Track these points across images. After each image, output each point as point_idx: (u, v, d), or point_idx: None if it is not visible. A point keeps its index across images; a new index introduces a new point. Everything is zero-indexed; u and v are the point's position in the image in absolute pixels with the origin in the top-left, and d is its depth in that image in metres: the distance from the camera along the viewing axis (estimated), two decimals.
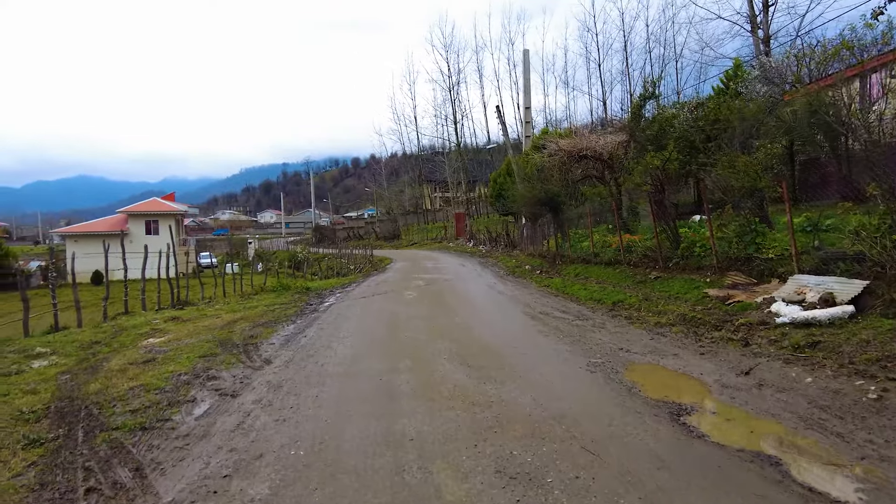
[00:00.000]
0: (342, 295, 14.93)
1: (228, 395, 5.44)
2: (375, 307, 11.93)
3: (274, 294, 15.51)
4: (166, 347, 8.20)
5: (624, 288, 12.05)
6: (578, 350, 6.88)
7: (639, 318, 9.09)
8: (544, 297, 12.50)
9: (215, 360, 7.07)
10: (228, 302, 14.63)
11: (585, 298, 11.73)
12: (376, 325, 9.32)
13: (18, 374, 7.01)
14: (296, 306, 12.78)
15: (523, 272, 19.36)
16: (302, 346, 7.71)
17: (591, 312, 10.07)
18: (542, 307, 10.92)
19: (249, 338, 8.70)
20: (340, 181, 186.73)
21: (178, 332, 9.62)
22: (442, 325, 9.02)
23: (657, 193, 11.82)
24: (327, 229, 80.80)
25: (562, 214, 18.91)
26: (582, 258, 16.59)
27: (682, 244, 11.81)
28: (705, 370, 5.79)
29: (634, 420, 4.38)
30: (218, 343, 8.30)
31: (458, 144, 65.11)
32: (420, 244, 51.35)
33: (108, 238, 44.20)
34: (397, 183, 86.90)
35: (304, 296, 15.14)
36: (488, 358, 6.47)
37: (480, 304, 11.95)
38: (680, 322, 8.30)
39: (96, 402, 5.36)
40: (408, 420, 4.41)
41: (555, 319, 9.37)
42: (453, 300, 12.69)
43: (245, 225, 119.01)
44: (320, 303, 13.46)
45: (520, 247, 31.57)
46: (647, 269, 12.92)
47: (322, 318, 10.50)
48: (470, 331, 8.36)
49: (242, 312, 12.01)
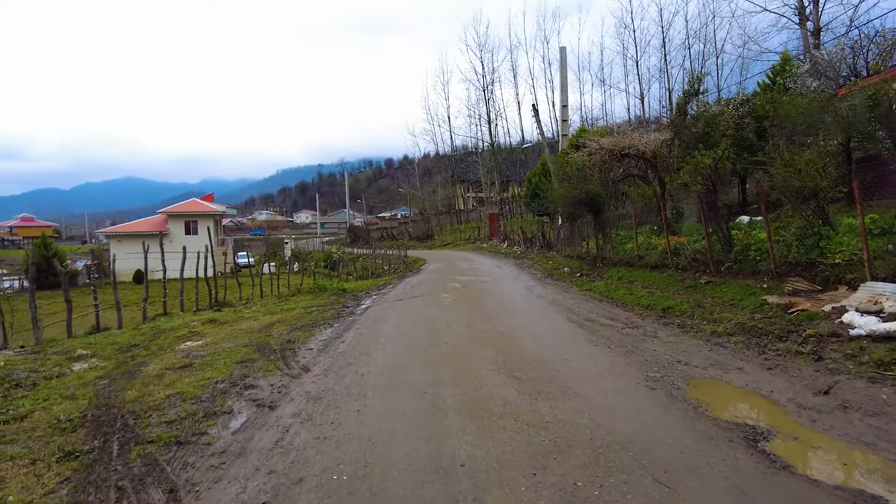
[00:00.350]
0: (378, 297, 14.72)
1: (266, 407, 5.20)
2: (413, 311, 11.65)
3: (311, 296, 15.42)
4: (203, 352, 8.07)
5: (673, 293, 11.47)
6: (633, 362, 6.43)
7: (693, 326, 8.56)
8: (588, 302, 12.01)
9: (252, 367, 6.88)
10: (265, 304, 14.59)
11: (632, 304, 11.20)
12: (415, 331, 9.02)
13: (59, 378, 6.96)
14: (333, 309, 12.62)
15: (562, 274, 18.84)
16: (340, 352, 7.46)
17: (640, 320, 9.56)
18: (586, 313, 10.45)
19: (287, 342, 8.51)
20: (374, 182, 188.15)
21: (215, 336, 9.53)
22: (483, 331, 8.66)
23: (709, 194, 11.21)
24: (361, 230, 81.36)
25: (603, 215, 18.32)
26: (625, 261, 15.99)
27: (736, 247, 11.16)
28: (776, 387, 5.29)
29: (708, 447, 3.95)
30: (255, 348, 8.13)
31: (491, 144, 64.63)
32: (453, 245, 51.08)
33: (150, 238, 45.40)
34: (430, 183, 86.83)
35: (340, 297, 14.99)
36: (537, 370, 6.09)
37: (521, 309, 11.54)
38: (739, 331, 7.75)
39: (132, 411, 5.20)
40: (457, 442, 4.07)
41: (602, 327, 8.90)
42: (492, 304, 12.31)
43: (281, 225, 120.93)
44: (357, 305, 13.27)
45: (556, 248, 30.93)
46: (696, 273, 12.29)
47: (359, 322, 10.27)
48: (514, 339, 7.97)
49: (280, 315, 11.90)
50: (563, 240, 29.88)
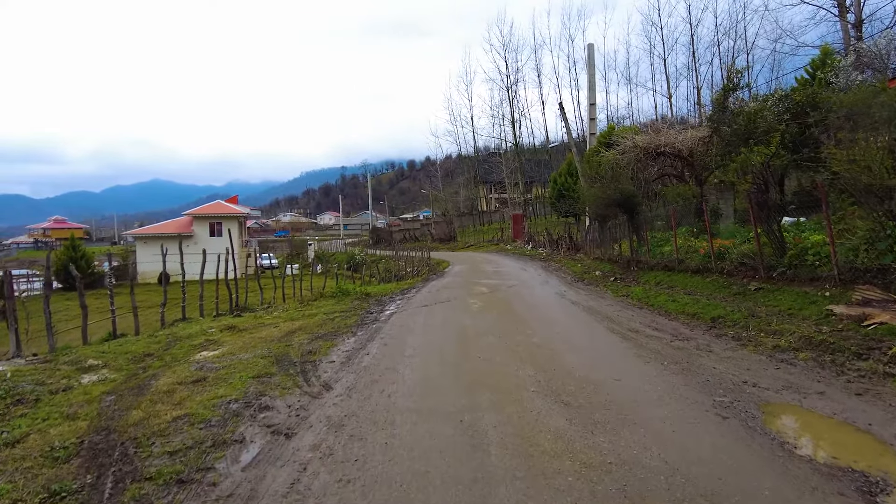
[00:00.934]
0: (403, 302, 14.11)
1: (282, 435, 4.60)
2: (440, 318, 11.00)
3: (333, 300, 14.89)
4: (218, 364, 7.54)
5: (720, 300, 10.63)
6: (694, 383, 5.68)
7: (750, 339, 7.76)
8: (627, 310, 11.22)
9: (270, 383, 6.30)
10: (287, 308, 14.10)
11: (676, 312, 10.39)
12: (444, 342, 8.36)
13: (65, 393, 6.48)
14: (356, 314, 12.04)
15: (594, 278, 18.02)
16: (364, 367, 6.84)
17: (688, 330, 8.77)
18: (628, 322, 9.68)
19: (307, 353, 7.94)
20: (396, 183, 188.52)
21: (232, 345, 9.01)
22: (518, 343, 7.97)
23: (760, 193, 10.34)
24: (384, 231, 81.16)
25: (638, 216, 17.45)
26: (663, 264, 15.13)
27: (790, 251, 10.28)
28: (874, 419, 4.50)
29: (815, 503, 3.22)
30: (274, 359, 7.57)
31: (515, 144, 63.71)
32: (476, 246, 50.35)
33: (175, 240, 45.57)
34: (452, 184, 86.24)
35: (363, 302, 14.43)
36: (586, 393, 5.38)
37: (556, 318, 10.81)
38: (806, 346, 6.94)
39: (134, 437, 4.64)
40: (507, 491, 3.38)
41: (649, 339, 8.14)
42: (524, 311, 11.60)
43: (305, 227, 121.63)
44: (381, 311, 12.68)
45: (584, 250, 30.01)
46: (743, 278, 11.43)
47: (384, 331, 9.66)
48: (553, 353, 7.26)
49: (301, 321, 11.36)
50: (591, 242, 28.99)
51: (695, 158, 18.57)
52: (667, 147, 17.96)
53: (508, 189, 66.47)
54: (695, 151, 18.47)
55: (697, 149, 18.39)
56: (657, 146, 18.14)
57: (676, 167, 19.09)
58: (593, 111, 34.14)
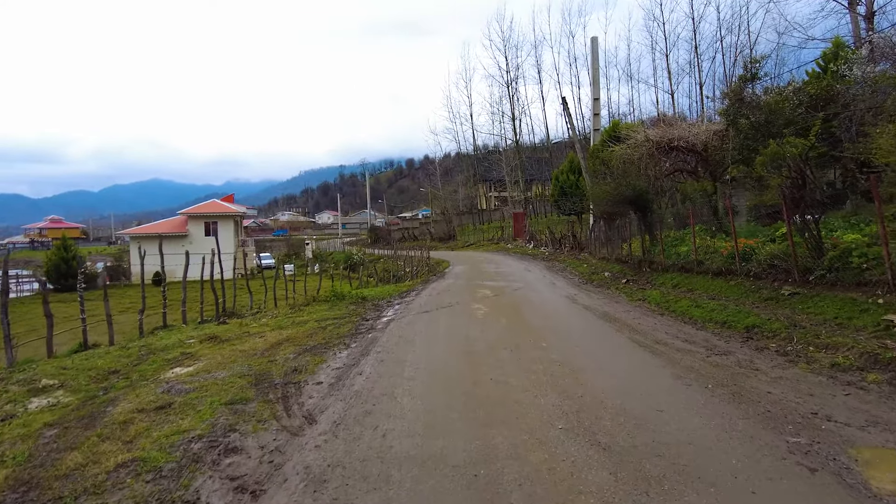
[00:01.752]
0: (401, 307, 13.11)
1: (247, 494, 3.60)
2: (442, 327, 10.00)
3: (327, 305, 13.87)
4: (190, 384, 6.53)
5: (750, 307, 9.64)
6: (752, 414, 4.68)
7: (798, 353, 6.77)
8: (647, 317, 10.23)
9: (244, 412, 5.30)
10: (276, 315, 13.08)
11: (703, 320, 9.40)
12: (448, 358, 7.34)
13: (3, 423, 5.49)
14: (350, 322, 11.04)
15: (603, 280, 17.04)
16: (356, 392, 5.82)
17: (723, 342, 7.78)
18: (653, 332, 8.69)
19: (292, 372, 6.93)
20: (395, 182, 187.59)
21: (210, 360, 8.00)
22: (534, 360, 6.96)
23: (796, 188, 9.35)
24: (382, 230, 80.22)
25: (651, 214, 16.45)
26: (679, 266, 14.13)
27: (830, 252, 9.28)
28: None
29: None
30: (253, 379, 6.57)
31: (515, 142, 62.60)
32: (476, 245, 49.38)
33: (170, 239, 44.44)
34: (451, 183, 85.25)
35: (359, 307, 13.43)
36: (627, 430, 4.37)
37: (571, 326, 9.81)
38: (872, 365, 5.95)
39: (59, 496, 3.64)
40: None
41: (681, 354, 7.15)
42: (535, 319, 10.61)
43: (303, 226, 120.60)
44: (377, 317, 11.68)
45: (588, 249, 29.02)
46: (773, 281, 10.44)
47: (381, 343, 8.65)
48: (576, 373, 6.25)
49: (290, 330, 10.36)
50: (596, 241, 28.01)
51: (709, 153, 17.60)
52: (681, 141, 16.97)
53: (509, 187, 65.45)
54: (709, 146, 17.50)
55: (712, 143, 17.42)
56: (670, 140, 17.15)
57: (689, 163, 18.10)
58: (597, 106, 33.15)
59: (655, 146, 17.40)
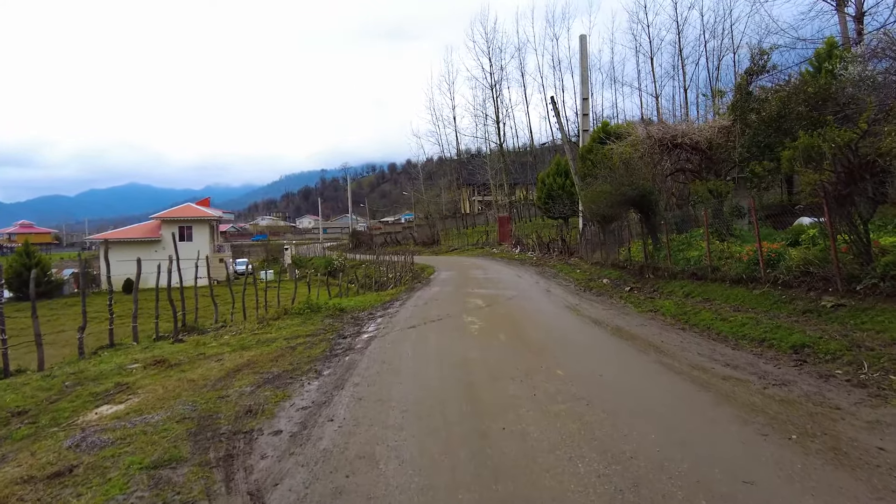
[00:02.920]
0: (384, 321, 11.64)
1: None
2: (433, 346, 8.55)
3: (300, 318, 12.32)
4: (111, 434, 5.02)
5: (786, 320, 8.37)
6: (883, 491, 3.33)
7: (878, 384, 5.47)
8: (668, 332, 8.90)
9: (167, 486, 3.81)
10: (242, 330, 11.51)
11: (734, 336, 8.11)
12: (445, 395, 5.84)
13: None
14: (325, 340, 9.55)
15: (602, 287, 15.76)
16: (324, 451, 4.32)
17: (772, 367, 6.46)
18: (681, 353, 7.35)
19: (245, 414, 5.44)
20: (377, 186, 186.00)
21: (149, 394, 6.47)
22: (552, 397, 5.53)
23: (842, 185, 8.10)
24: (364, 234, 78.56)
25: (655, 216, 15.20)
26: (690, 272, 12.85)
27: (884, 258, 8.03)
28: None
29: None
30: (194, 426, 5.07)
31: (500, 144, 61.45)
32: (461, 250, 47.99)
33: (142, 245, 42.22)
34: (434, 187, 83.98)
35: (336, 321, 11.92)
36: None
37: (583, 346, 8.42)
38: None
39: None
40: None
41: (729, 384, 5.80)
42: (538, 335, 9.22)
43: (284, 230, 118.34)
44: (357, 334, 10.20)
45: (578, 254, 27.81)
46: (809, 291, 9.18)
47: (359, 370, 7.17)
48: (613, 419, 4.81)
49: (253, 351, 8.84)
50: (587, 245, 26.83)
51: (714, 151, 16.44)
52: (685, 138, 15.79)
53: (493, 190, 64.28)
54: (714, 143, 16.35)
55: (716, 140, 16.28)
56: (673, 137, 15.96)
57: (693, 161, 16.93)
58: (586, 106, 32.07)
59: (658, 143, 16.19)
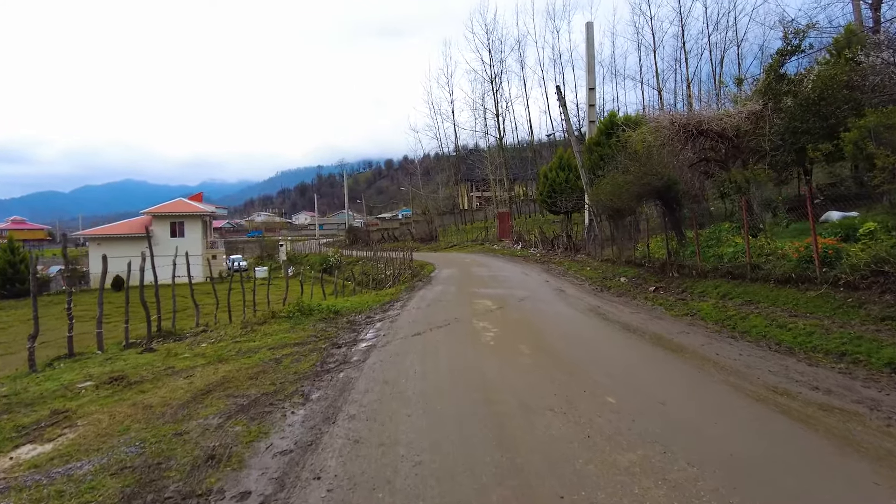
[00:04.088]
0: (384, 326, 10.29)
1: None
2: (444, 362, 7.19)
3: (289, 323, 10.95)
4: (13, 500, 3.66)
5: (862, 328, 7.06)
6: None
7: None
8: (717, 342, 7.58)
9: None
10: (222, 337, 10.12)
11: (801, 347, 6.81)
12: (468, 435, 4.44)
13: None
14: (316, 351, 8.19)
15: (620, 286, 14.45)
16: None
17: (874, 391, 5.14)
18: (748, 370, 6.01)
19: (206, 462, 4.09)
20: (374, 183, 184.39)
21: (88, 428, 5.10)
22: (612, 441, 4.19)
23: None
24: (361, 231, 77.12)
25: (679, 209, 13.86)
26: (725, 271, 11.52)
27: None
28: None
29: None
30: (133, 484, 3.72)
31: (499, 139, 60.00)
32: (460, 247, 46.64)
33: (132, 241, 40.63)
34: (431, 183, 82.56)
35: (330, 326, 10.57)
36: None
37: (625, 362, 7.06)
38: None
39: None
40: None
41: (832, 416, 4.48)
42: (567, 347, 7.87)
43: (280, 227, 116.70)
44: (353, 342, 8.84)
45: (585, 251, 26.50)
46: (882, 293, 7.87)
47: (355, 393, 5.81)
48: (704, 475, 3.50)
49: (231, 364, 7.48)
50: (595, 241, 25.53)
51: (741, 139, 15.12)
52: (711, 123, 14.45)
53: (492, 186, 62.88)
54: (741, 131, 15.02)
55: (744, 127, 14.95)
56: (699, 123, 14.62)
57: (718, 151, 15.60)
58: (592, 97, 30.73)
59: (681, 130, 14.86)
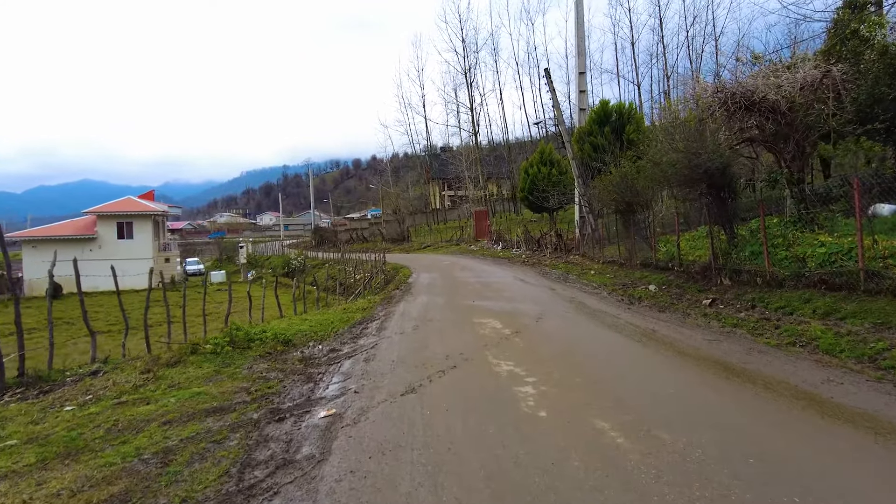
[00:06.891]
0: (355, 369, 6.92)
1: None
2: (472, 468, 3.91)
3: (212, 365, 7.45)
4: None
5: None
6: None
7: None
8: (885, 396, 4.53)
9: None
10: (106, 391, 6.58)
11: None
12: None
13: None
14: (239, 430, 4.81)
15: (652, 297, 11.45)
16: None
17: None
18: None
19: None
20: (341, 182, 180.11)
21: None
22: None
23: None
24: (328, 231, 73.13)
25: (734, 199, 10.86)
26: (816, 278, 8.50)
27: None
28: None
29: None
30: None
31: (475, 133, 56.81)
32: (434, 247, 43.29)
33: (75, 243, 35.73)
34: (401, 182, 79.20)
35: (273, 370, 7.15)
36: None
37: (788, 453, 3.91)
38: None
39: None
40: None
41: None
42: (662, 417, 4.70)
43: (243, 227, 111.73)
44: (305, 407, 5.47)
45: (580, 251, 23.56)
46: None
47: None
48: None
49: (78, 466, 4.07)
50: (591, 240, 22.62)
51: (795, 114, 12.21)
52: (768, 94, 11.50)
53: (467, 183, 59.73)
54: (796, 104, 12.11)
55: (799, 100, 12.05)
56: (751, 92, 11.68)
57: (765, 128, 12.70)
58: (583, 82, 27.87)
59: (724, 104, 11.90)
